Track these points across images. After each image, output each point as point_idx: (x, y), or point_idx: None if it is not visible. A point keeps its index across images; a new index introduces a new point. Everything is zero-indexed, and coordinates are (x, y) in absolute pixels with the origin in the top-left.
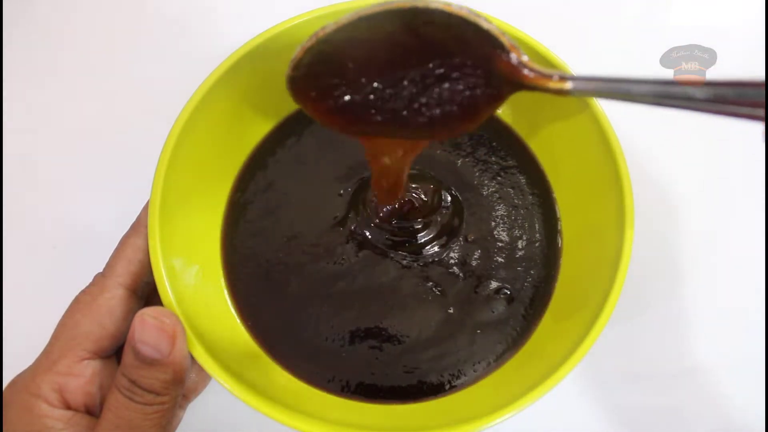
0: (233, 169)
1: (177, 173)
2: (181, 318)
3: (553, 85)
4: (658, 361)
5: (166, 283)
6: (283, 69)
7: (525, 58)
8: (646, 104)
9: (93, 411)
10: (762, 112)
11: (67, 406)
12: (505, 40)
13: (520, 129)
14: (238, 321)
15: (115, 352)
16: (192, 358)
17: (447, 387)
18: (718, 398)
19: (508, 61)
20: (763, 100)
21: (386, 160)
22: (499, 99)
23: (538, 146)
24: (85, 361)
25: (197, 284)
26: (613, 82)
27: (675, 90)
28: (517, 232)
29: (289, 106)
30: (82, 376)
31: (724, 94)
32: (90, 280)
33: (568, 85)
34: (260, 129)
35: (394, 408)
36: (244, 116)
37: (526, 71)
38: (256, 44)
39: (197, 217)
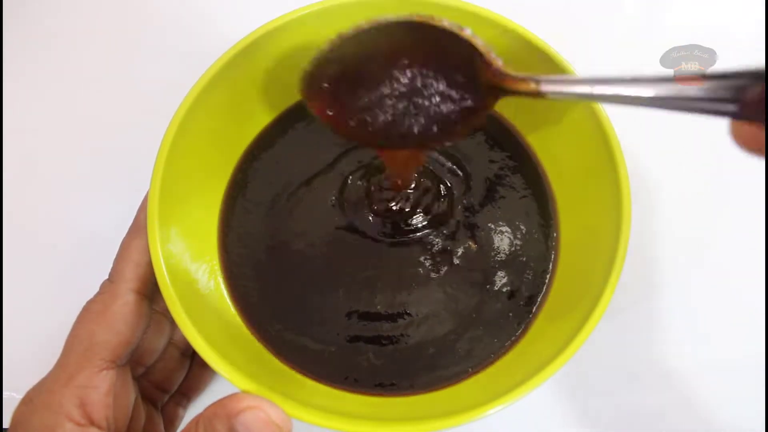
0: (231, 162)
1: (175, 169)
2: (182, 311)
3: (531, 87)
4: (653, 360)
5: (167, 280)
6: (278, 65)
7: (501, 64)
8: (634, 105)
9: (110, 423)
10: (728, 107)
11: (90, 421)
12: (486, 50)
13: (522, 128)
14: (235, 311)
15: (128, 359)
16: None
17: (437, 382)
18: (714, 398)
19: (493, 68)
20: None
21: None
22: (485, 107)
23: (539, 147)
24: (104, 372)
25: (197, 277)
26: (586, 83)
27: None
28: (515, 232)
29: (286, 100)
30: (101, 387)
31: (700, 93)
32: (90, 279)
33: (543, 88)
34: (258, 123)
35: (381, 399)
36: (241, 111)
37: (507, 76)
38: (251, 40)
39: (196, 212)
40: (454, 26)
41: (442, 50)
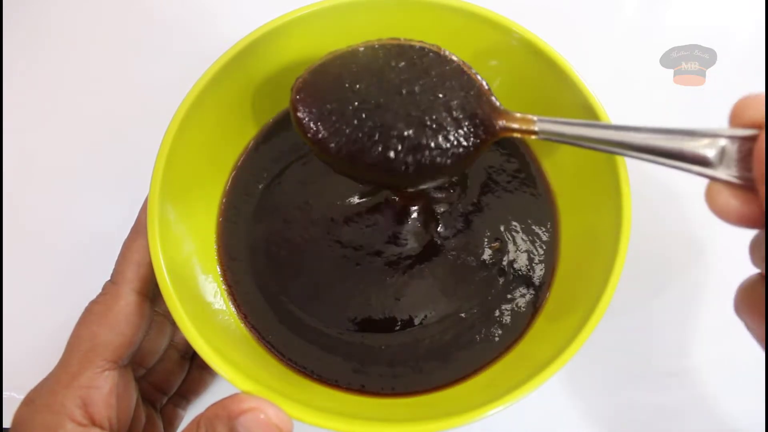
0: (231, 162)
1: (175, 170)
2: (183, 311)
3: (525, 126)
4: (653, 361)
5: (167, 280)
6: (278, 65)
7: (499, 103)
8: (608, 152)
9: (113, 424)
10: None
11: (92, 421)
12: (487, 88)
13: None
14: (235, 312)
15: (130, 360)
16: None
17: (438, 383)
18: (714, 398)
19: (493, 106)
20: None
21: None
22: (481, 146)
23: (538, 147)
24: (106, 372)
25: (198, 278)
26: (576, 126)
27: (633, 138)
28: (515, 233)
29: (287, 99)
30: (103, 387)
31: (682, 148)
32: (90, 279)
33: (535, 127)
34: (258, 121)
35: (382, 401)
36: (241, 110)
37: (505, 113)
38: (251, 40)
39: (197, 212)
40: (459, 61)
41: (441, 83)
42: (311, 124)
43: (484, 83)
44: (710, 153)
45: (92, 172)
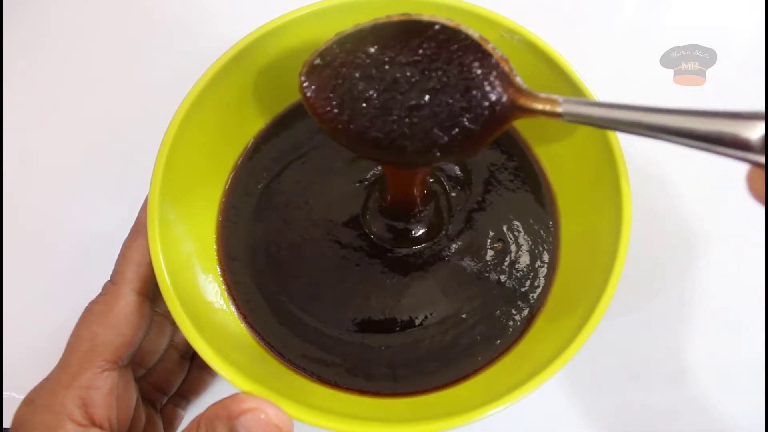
0: (231, 162)
1: (175, 170)
2: (183, 311)
3: (549, 107)
4: (653, 361)
5: (167, 280)
6: (278, 65)
7: (521, 81)
8: (640, 135)
9: (113, 424)
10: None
11: (92, 421)
12: (509, 65)
13: (521, 128)
14: (236, 312)
15: (130, 360)
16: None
17: (438, 384)
18: (713, 398)
19: (513, 83)
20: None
21: (401, 174)
22: (498, 126)
23: (539, 147)
24: (106, 373)
25: (198, 278)
26: (605, 107)
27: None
28: (515, 234)
29: (287, 99)
30: (103, 388)
31: (721, 131)
32: (90, 279)
33: (560, 109)
34: (258, 122)
35: (382, 401)
36: (241, 110)
37: (525, 93)
38: (251, 40)
39: (197, 212)
40: (477, 36)
41: (455, 58)
42: (319, 102)
43: (504, 58)
44: (753, 136)
45: (92, 172)
